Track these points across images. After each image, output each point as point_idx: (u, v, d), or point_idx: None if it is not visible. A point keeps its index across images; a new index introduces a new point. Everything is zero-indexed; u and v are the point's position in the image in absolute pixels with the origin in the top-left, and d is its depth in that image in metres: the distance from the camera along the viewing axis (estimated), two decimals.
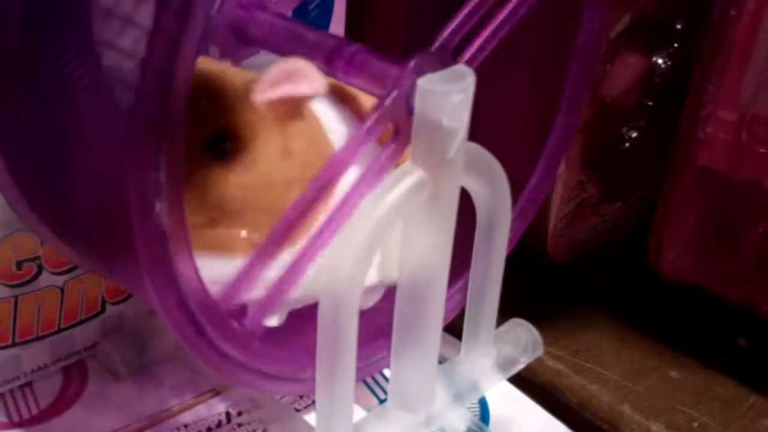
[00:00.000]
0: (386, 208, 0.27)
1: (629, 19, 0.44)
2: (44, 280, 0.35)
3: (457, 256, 0.33)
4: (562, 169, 0.44)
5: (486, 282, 0.33)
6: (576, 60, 0.36)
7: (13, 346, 0.35)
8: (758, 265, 0.40)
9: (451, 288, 0.34)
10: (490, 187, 0.31)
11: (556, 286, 0.47)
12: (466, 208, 0.32)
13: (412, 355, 0.31)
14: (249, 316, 0.27)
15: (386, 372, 0.34)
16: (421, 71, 0.27)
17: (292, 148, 0.28)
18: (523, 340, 0.36)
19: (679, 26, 0.47)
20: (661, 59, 0.47)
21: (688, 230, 0.42)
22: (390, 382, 0.32)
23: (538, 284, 0.47)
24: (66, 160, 0.28)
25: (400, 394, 0.32)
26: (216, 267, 0.27)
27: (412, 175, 0.28)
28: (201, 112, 0.27)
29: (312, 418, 0.29)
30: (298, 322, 0.30)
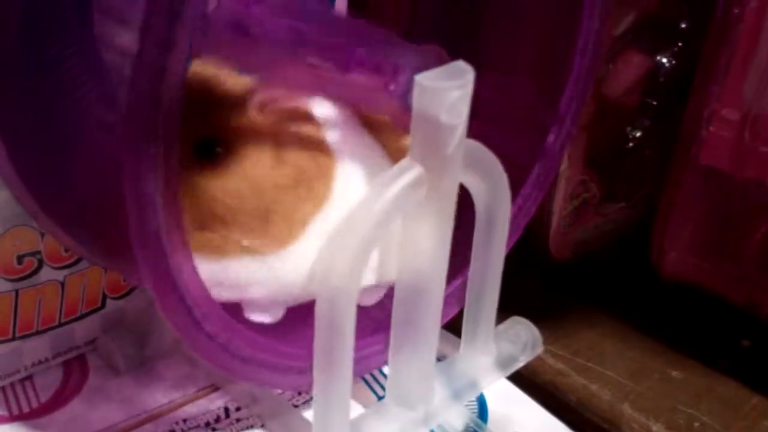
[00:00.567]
0: (384, 205, 0.27)
1: (633, 19, 0.44)
2: (45, 274, 0.35)
3: (457, 253, 0.33)
4: (565, 167, 0.44)
5: (485, 279, 0.33)
6: (577, 58, 0.36)
7: (14, 339, 0.36)
8: (761, 266, 0.40)
9: (450, 285, 0.34)
10: (489, 184, 0.31)
11: (558, 284, 0.47)
12: (466, 205, 0.32)
13: (411, 352, 0.31)
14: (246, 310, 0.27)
15: (385, 369, 0.34)
16: (420, 66, 0.27)
17: (285, 154, 0.28)
18: (523, 338, 0.36)
19: (683, 25, 0.47)
20: (665, 58, 0.47)
21: (691, 230, 0.42)
22: (388, 379, 0.32)
23: (540, 283, 0.47)
24: (66, 154, 0.28)
25: (399, 390, 0.32)
26: (209, 268, 0.27)
27: (410, 172, 0.28)
28: (192, 116, 0.26)
29: (310, 414, 0.29)
30: (300, 314, 0.30)
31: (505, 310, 0.35)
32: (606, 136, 0.46)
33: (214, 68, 0.29)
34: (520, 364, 0.36)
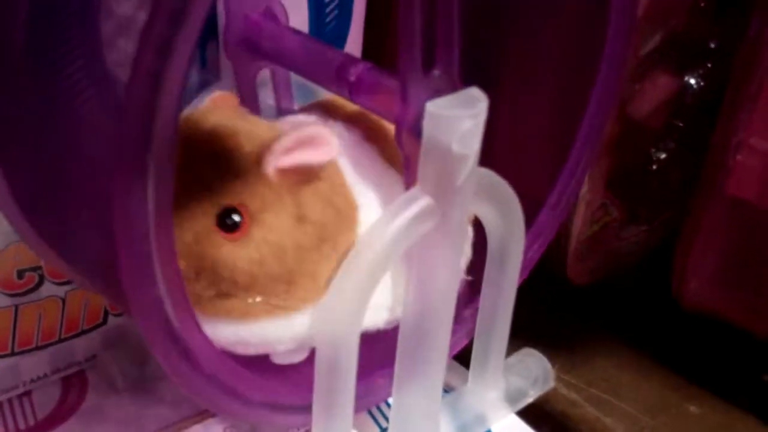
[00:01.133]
0: (390, 237, 0.26)
1: (660, 38, 0.43)
2: (46, 290, 0.34)
3: (467, 283, 0.32)
4: (585, 190, 0.43)
5: (496, 312, 0.32)
6: (600, 79, 0.35)
7: (12, 355, 0.35)
8: None
9: (459, 316, 0.33)
10: (502, 215, 0.30)
11: (574, 310, 0.46)
12: (478, 232, 0.31)
13: (416, 386, 0.30)
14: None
15: (390, 399, 0.32)
16: (431, 94, 0.26)
17: (306, 213, 0.27)
18: (534, 371, 0.35)
19: (713, 45, 0.45)
20: (693, 79, 0.46)
21: (714, 259, 0.41)
22: (392, 413, 0.31)
23: (555, 307, 0.46)
24: (66, 172, 0.27)
25: (403, 424, 0.31)
26: (233, 329, 0.27)
27: (419, 202, 0.26)
28: (211, 184, 0.26)
29: None
30: None
31: (518, 336, 0.34)
32: (629, 158, 0.45)
33: (232, 118, 0.28)
34: (530, 399, 0.35)
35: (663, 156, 0.47)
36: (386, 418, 0.36)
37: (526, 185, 0.31)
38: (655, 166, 0.46)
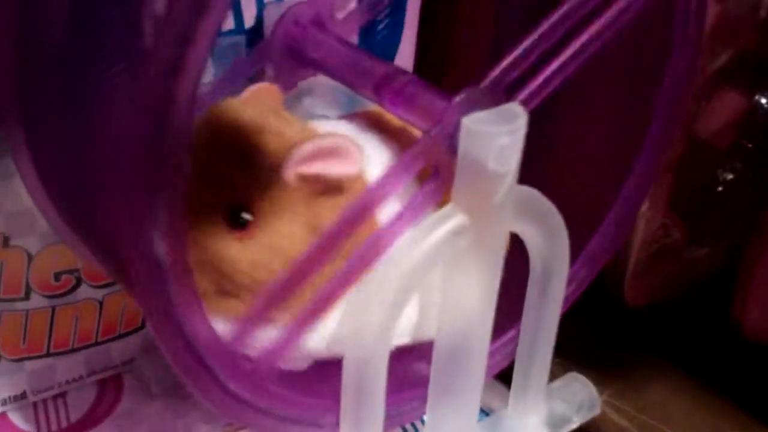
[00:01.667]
0: (421, 255, 0.25)
1: (730, 55, 0.41)
2: (83, 292, 0.34)
3: (509, 303, 0.31)
4: (645, 209, 0.41)
5: (538, 336, 0.31)
6: (663, 96, 0.33)
7: (48, 356, 0.35)
8: None
9: (500, 338, 0.32)
10: (544, 236, 0.28)
11: (629, 333, 0.44)
12: (522, 250, 0.30)
13: (451, 411, 0.29)
14: (262, 358, 0.25)
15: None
16: (469, 108, 0.25)
17: (321, 224, 0.26)
18: (579, 397, 0.34)
19: None
20: (764, 99, 0.44)
21: None
22: None
23: (610, 329, 0.44)
24: (94, 173, 0.26)
25: None
26: (231, 329, 0.26)
27: (453, 220, 0.25)
28: (229, 179, 0.25)
29: None
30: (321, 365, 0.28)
31: (568, 356, 0.33)
32: (693, 178, 0.43)
33: (264, 115, 0.27)
34: (574, 426, 0.34)
35: (729, 177, 0.45)
36: None
37: (583, 206, 0.29)
38: (720, 188, 0.45)
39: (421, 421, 0.35)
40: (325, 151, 0.25)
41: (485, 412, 0.34)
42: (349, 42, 0.31)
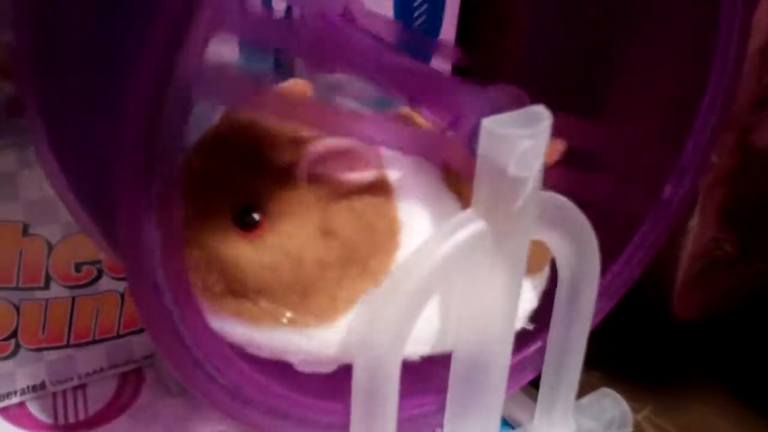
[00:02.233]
0: (437, 260, 0.24)
1: None
2: (104, 284, 0.34)
3: (536, 312, 0.29)
4: (696, 222, 0.39)
5: (566, 349, 0.29)
6: (707, 100, 0.32)
7: (68, 347, 0.34)
8: None
9: (525, 349, 0.30)
10: (572, 243, 0.27)
11: (674, 348, 0.42)
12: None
13: (470, 424, 0.28)
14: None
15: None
16: (493, 109, 0.24)
17: (335, 228, 0.25)
18: (609, 414, 0.32)
19: None
20: None
21: None
22: None
23: (654, 343, 0.42)
24: (101, 163, 0.26)
25: None
26: (244, 332, 0.25)
27: (471, 226, 0.24)
28: (240, 177, 0.24)
29: None
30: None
31: (610, 369, 0.31)
32: (748, 191, 0.41)
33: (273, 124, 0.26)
34: None
35: None
36: None
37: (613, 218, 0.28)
38: None
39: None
40: (338, 152, 0.24)
41: (509, 425, 0.33)
42: (377, 36, 0.30)
